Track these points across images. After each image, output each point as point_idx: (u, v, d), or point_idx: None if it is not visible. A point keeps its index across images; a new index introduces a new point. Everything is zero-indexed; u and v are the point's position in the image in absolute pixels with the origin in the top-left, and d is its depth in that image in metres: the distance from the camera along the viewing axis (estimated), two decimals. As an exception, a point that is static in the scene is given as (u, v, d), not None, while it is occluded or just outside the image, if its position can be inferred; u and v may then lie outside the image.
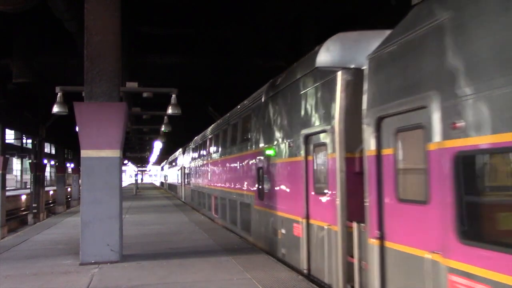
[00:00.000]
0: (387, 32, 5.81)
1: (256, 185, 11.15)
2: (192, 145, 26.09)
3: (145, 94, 11.10)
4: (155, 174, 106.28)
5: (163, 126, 17.41)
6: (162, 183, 68.28)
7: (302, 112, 8.07)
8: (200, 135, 22.62)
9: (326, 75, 7.11)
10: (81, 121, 9.34)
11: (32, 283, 7.83)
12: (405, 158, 5.10)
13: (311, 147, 7.76)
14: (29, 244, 12.23)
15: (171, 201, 31.92)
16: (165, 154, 54.95)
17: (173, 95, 10.71)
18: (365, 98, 5.75)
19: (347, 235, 6.44)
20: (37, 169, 30.32)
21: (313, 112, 7.63)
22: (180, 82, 17.77)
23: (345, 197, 6.53)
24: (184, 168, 29.74)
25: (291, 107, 8.72)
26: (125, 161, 55.90)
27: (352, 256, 6.26)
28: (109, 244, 9.21)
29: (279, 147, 9.38)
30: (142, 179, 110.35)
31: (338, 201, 6.60)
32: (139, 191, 46.63)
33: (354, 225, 6.14)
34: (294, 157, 8.41)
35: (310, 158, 7.80)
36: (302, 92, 8.11)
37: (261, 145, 10.71)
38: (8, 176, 41.56)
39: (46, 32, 16.60)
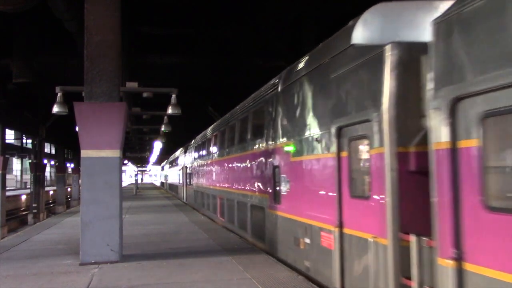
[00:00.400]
0: (437, 2, 5.02)
1: (271, 186, 9.99)
2: (195, 143, 25.50)
3: (145, 94, 11.13)
4: (155, 174, 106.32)
5: (163, 126, 17.43)
6: (162, 183, 68.19)
7: (334, 100, 6.87)
8: (204, 133, 21.79)
9: (368, 52, 5.93)
10: (81, 121, 9.35)
11: (32, 283, 7.83)
12: (499, 152, 3.98)
13: (346, 140, 6.51)
14: (29, 244, 12.23)
15: (171, 201, 31.91)
16: (165, 154, 54.98)
17: (173, 95, 10.73)
18: (430, 76, 4.53)
19: (400, 250, 5.23)
20: (37, 169, 30.33)
21: (350, 98, 6.46)
22: (180, 82, 17.78)
23: (398, 203, 5.29)
24: (186, 167, 29.31)
25: (318, 95, 7.51)
26: (125, 161, 55.92)
27: (408, 278, 5.07)
28: (109, 244, 9.21)
29: (302, 142, 8.17)
30: (142, 179, 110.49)
31: (388, 208, 5.32)
32: (139, 191, 46.67)
33: (412, 238, 4.96)
34: (323, 153, 7.22)
35: (344, 154, 6.56)
36: (333, 76, 6.88)
37: (278, 140, 9.51)
38: (8, 176, 41.54)
39: (46, 32, 16.61)
